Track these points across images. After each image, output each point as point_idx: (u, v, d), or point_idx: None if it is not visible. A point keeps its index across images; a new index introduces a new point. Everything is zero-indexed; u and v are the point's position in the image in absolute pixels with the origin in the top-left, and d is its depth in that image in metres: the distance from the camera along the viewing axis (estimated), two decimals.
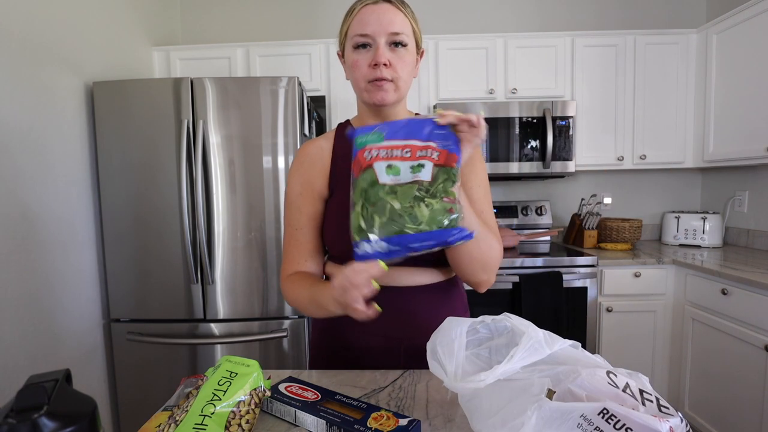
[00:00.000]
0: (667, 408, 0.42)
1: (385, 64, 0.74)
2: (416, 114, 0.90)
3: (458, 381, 0.48)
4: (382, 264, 0.60)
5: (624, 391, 0.43)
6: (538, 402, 0.42)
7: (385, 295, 0.77)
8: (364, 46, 0.75)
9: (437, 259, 0.83)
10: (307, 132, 1.88)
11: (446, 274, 0.86)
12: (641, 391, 0.44)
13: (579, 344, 0.53)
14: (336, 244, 0.83)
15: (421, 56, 0.84)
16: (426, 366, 0.77)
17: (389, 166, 0.61)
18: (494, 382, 0.47)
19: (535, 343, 0.48)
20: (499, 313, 0.58)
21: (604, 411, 0.39)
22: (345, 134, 0.86)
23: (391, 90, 0.77)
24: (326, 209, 0.85)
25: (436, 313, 0.82)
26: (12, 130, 1.39)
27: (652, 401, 0.43)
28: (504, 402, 0.47)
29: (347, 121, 0.90)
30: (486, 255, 0.75)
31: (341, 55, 0.83)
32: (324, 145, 0.86)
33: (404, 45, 0.76)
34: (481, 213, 0.81)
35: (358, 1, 0.76)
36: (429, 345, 0.56)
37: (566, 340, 0.51)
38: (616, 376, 0.45)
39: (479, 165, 0.87)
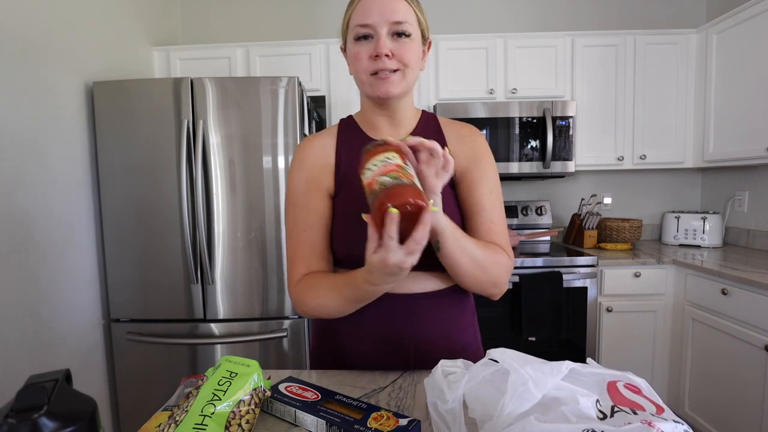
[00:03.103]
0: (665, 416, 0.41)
1: (387, 55, 0.70)
2: (422, 112, 0.85)
3: None
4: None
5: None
6: None
7: (391, 302, 0.75)
8: (365, 37, 0.71)
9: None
10: (307, 132, 1.88)
11: (452, 281, 0.80)
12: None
13: (576, 365, 0.48)
14: (345, 245, 0.77)
15: (428, 48, 0.79)
16: (429, 368, 0.77)
17: None
18: None
19: (522, 391, 0.44)
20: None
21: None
22: (347, 124, 0.84)
23: (397, 80, 0.72)
24: (333, 208, 0.80)
25: (443, 320, 0.79)
26: (12, 130, 1.39)
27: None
28: None
29: (350, 117, 0.86)
30: (493, 274, 0.73)
31: (344, 49, 0.78)
32: (327, 142, 0.82)
33: (408, 35, 0.71)
34: (492, 223, 0.77)
35: None
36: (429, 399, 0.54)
37: (561, 364, 0.47)
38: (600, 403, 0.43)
39: (490, 168, 0.81)
